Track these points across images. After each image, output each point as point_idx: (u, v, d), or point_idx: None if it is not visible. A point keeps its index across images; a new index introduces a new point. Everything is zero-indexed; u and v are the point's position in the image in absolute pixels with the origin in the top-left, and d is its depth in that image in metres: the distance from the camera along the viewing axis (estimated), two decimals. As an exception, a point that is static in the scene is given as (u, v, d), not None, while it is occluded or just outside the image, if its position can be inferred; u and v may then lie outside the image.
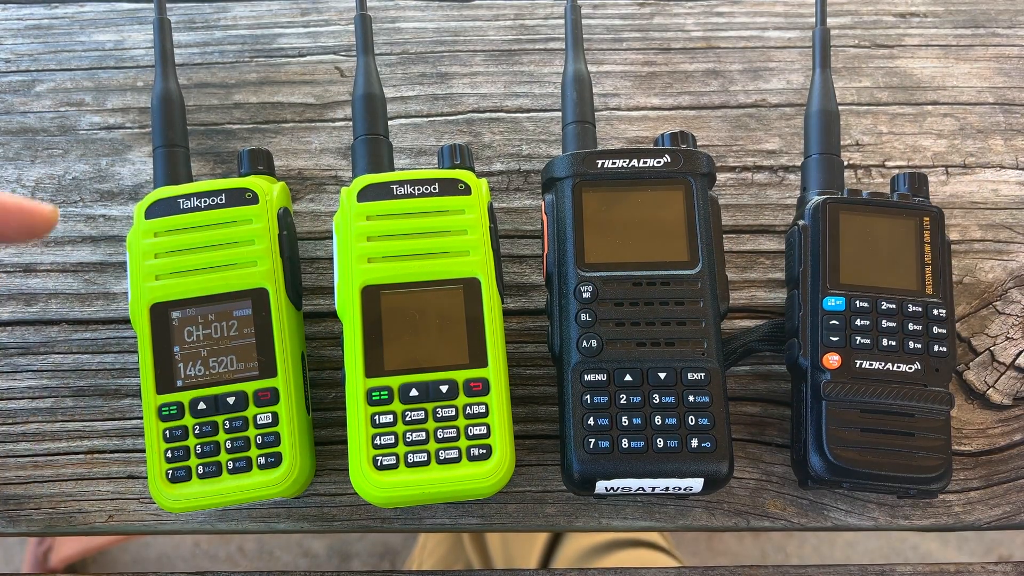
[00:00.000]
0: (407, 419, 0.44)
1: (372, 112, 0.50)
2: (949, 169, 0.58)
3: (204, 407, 0.45)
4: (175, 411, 0.45)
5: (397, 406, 0.44)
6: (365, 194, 0.47)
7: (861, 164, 0.58)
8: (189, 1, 0.63)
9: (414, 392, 0.44)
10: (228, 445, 0.45)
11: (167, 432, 0.45)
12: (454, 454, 0.44)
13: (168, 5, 0.55)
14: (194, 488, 0.45)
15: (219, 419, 0.45)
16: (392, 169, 0.50)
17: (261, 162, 0.51)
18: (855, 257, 0.48)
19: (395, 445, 0.44)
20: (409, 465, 0.44)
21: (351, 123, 0.53)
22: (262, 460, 0.45)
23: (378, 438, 0.44)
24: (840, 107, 0.56)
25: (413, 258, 0.46)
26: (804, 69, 0.61)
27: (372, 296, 0.45)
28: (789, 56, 0.61)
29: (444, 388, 0.45)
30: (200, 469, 0.45)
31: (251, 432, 0.45)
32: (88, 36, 0.62)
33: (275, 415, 0.45)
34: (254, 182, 0.48)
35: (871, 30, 0.62)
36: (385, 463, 0.44)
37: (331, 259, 0.53)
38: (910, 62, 0.61)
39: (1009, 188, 0.57)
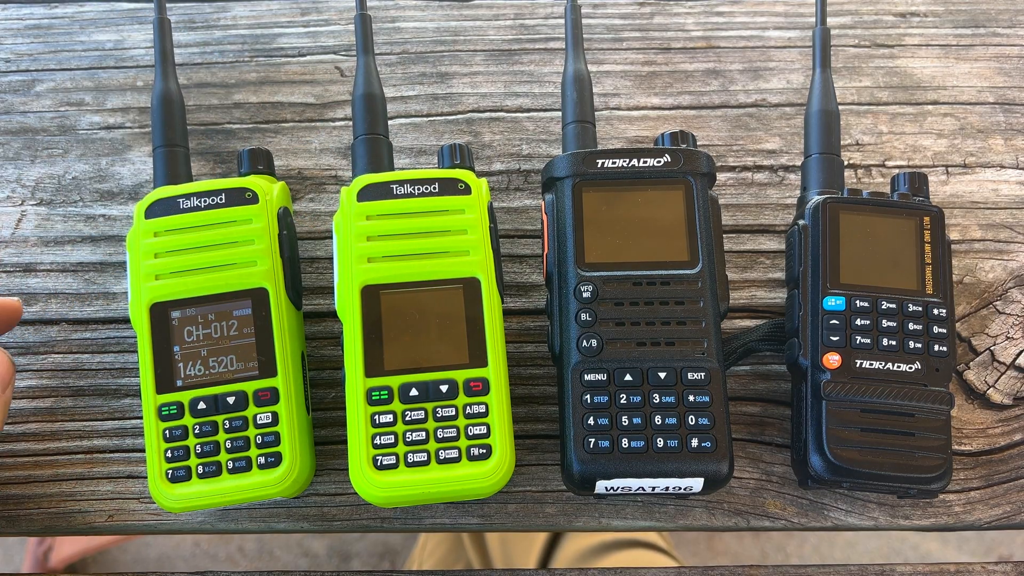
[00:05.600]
0: (407, 419, 0.44)
1: (372, 112, 0.50)
2: (949, 169, 0.58)
3: (204, 407, 0.45)
4: (175, 411, 0.45)
5: (397, 406, 0.44)
6: (365, 194, 0.47)
7: (861, 164, 0.58)
8: (189, 1, 0.63)
9: (414, 392, 0.44)
10: (228, 445, 0.45)
11: (167, 432, 0.45)
12: (454, 454, 0.44)
13: (168, 5, 0.55)
14: (194, 488, 0.45)
15: (219, 419, 0.45)
16: (392, 169, 0.50)
17: (261, 162, 0.51)
18: (855, 257, 0.48)
19: (395, 445, 0.44)
20: (409, 465, 0.44)
21: (351, 123, 0.53)
22: (262, 460, 0.45)
23: (378, 438, 0.44)
24: (840, 107, 0.56)
25: (413, 258, 0.46)
26: (804, 69, 0.61)
27: (372, 296, 0.45)
28: (789, 56, 0.61)
29: (444, 388, 0.45)
30: (200, 469, 0.45)
31: (251, 432, 0.45)
32: (88, 36, 0.62)
33: (275, 415, 0.45)
34: (254, 182, 0.48)
35: (871, 30, 0.62)
36: (385, 463, 0.44)
37: (331, 259, 0.53)
38: (910, 62, 0.61)
39: (1009, 188, 0.57)
